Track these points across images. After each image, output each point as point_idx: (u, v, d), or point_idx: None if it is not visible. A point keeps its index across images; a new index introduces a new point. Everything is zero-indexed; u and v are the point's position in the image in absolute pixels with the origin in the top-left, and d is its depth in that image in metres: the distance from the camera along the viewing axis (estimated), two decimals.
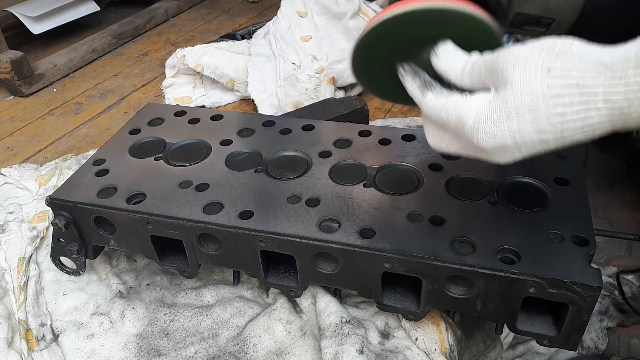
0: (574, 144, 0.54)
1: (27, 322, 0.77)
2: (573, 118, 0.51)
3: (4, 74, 1.49)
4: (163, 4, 2.06)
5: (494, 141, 0.55)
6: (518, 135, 0.54)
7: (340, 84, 1.33)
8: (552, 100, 0.51)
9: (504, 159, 0.57)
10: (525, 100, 0.52)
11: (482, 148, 0.57)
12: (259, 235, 0.69)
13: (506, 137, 0.54)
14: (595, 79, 0.49)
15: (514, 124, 0.53)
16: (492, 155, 0.57)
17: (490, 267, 0.61)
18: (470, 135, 0.56)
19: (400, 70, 0.62)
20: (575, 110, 0.51)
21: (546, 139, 0.53)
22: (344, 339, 0.69)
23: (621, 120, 0.50)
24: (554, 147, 0.54)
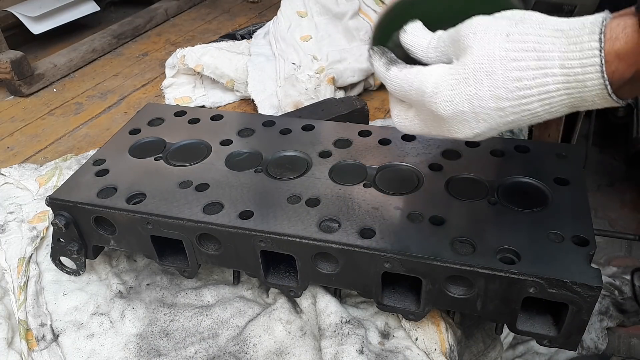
0: (533, 119, 0.53)
1: (27, 322, 0.77)
2: (530, 84, 0.51)
3: (4, 74, 1.49)
4: (163, 4, 2.06)
5: (450, 106, 0.55)
6: (475, 100, 0.53)
7: (340, 84, 1.33)
8: (509, 64, 0.51)
9: (463, 131, 0.57)
10: (483, 64, 0.52)
11: (440, 115, 0.56)
12: (259, 235, 0.69)
13: (463, 102, 0.54)
14: (552, 44, 0.50)
15: (470, 87, 0.53)
16: (451, 125, 0.57)
17: (490, 267, 0.61)
18: (429, 102, 0.56)
19: (369, 52, 0.63)
20: (532, 75, 0.51)
21: (503, 107, 0.53)
22: (344, 339, 0.69)
23: (577, 91, 0.50)
24: (512, 119, 0.54)
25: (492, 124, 0.55)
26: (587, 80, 0.49)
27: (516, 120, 0.54)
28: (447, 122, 0.57)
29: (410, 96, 0.59)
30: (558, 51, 0.49)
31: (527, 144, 0.82)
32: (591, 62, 0.48)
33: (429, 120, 0.59)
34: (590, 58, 0.48)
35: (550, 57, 0.50)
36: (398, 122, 0.64)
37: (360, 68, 1.34)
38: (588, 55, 0.48)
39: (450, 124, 0.57)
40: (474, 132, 0.56)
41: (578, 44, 0.49)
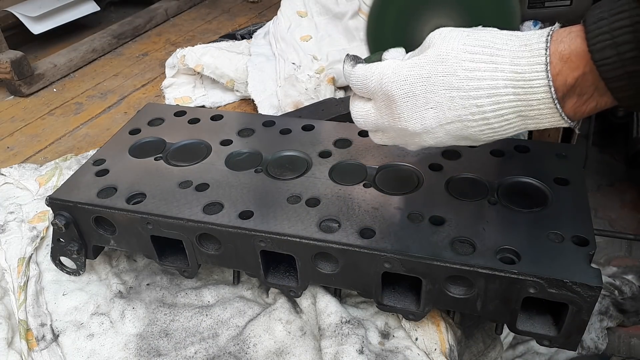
0: (482, 124, 0.55)
1: (27, 322, 0.77)
2: (481, 75, 0.53)
3: (4, 74, 1.49)
4: (163, 4, 2.06)
5: (405, 84, 0.57)
6: (428, 83, 0.56)
7: (340, 84, 1.33)
8: (464, 55, 0.54)
9: (413, 121, 0.58)
10: (441, 53, 0.55)
11: (393, 97, 0.58)
12: (259, 235, 0.69)
13: (417, 83, 0.56)
14: (506, 45, 0.53)
15: (425, 70, 0.56)
16: (402, 111, 0.58)
17: (490, 267, 0.61)
18: (387, 82, 0.58)
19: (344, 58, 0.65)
20: (484, 67, 0.53)
21: (453, 96, 0.55)
22: (344, 339, 0.69)
23: (524, 92, 0.52)
24: (460, 114, 0.55)
25: (441, 116, 0.56)
26: (533, 80, 0.51)
27: (465, 119, 0.55)
28: (398, 105, 0.58)
29: (370, 84, 0.61)
30: (510, 50, 0.52)
31: (527, 144, 0.82)
32: (537, 61, 0.51)
33: (383, 107, 0.61)
34: (537, 57, 0.51)
35: (502, 54, 0.53)
36: (355, 115, 0.65)
37: None
38: (535, 55, 0.51)
39: (401, 108, 0.58)
40: (423, 122, 0.58)
41: (528, 45, 0.52)
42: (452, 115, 0.56)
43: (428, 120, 0.57)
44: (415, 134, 0.60)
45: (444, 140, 0.59)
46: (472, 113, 0.55)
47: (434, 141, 0.60)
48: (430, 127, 0.57)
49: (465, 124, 0.56)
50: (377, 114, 0.62)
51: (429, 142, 0.60)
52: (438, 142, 0.60)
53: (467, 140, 0.59)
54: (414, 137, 0.60)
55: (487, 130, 0.56)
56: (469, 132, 0.57)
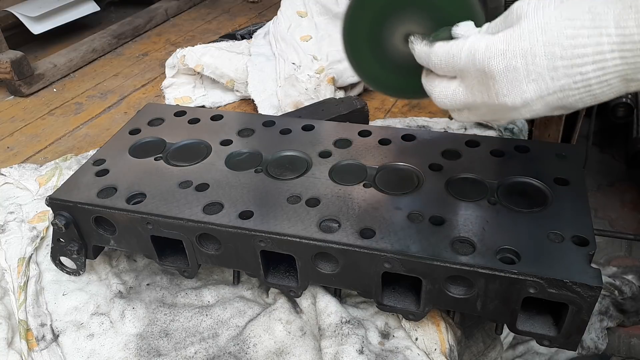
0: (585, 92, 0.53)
1: (27, 322, 0.77)
2: (584, 42, 0.51)
3: (4, 74, 1.49)
4: (163, 4, 2.06)
5: (504, 60, 0.54)
6: (529, 55, 0.53)
7: (340, 84, 1.33)
8: (564, 22, 0.51)
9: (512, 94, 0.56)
10: (539, 22, 0.53)
11: (491, 73, 0.56)
12: (259, 235, 0.69)
13: (517, 57, 0.54)
14: (607, 7, 0.50)
15: (525, 42, 0.53)
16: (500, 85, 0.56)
17: (490, 267, 0.61)
18: (481, 59, 0.56)
19: (410, 38, 0.64)
20: (587, 33, 0.51)
21: (556, 66, 0.52)
22: (344, 339, 0.69)
23: (632, 55, 0.49)
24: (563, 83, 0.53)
25: (543, 88, 0.54)
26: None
27: (567, 88, 0.53)
28: (497, 81, 0.56)
29: (458, 62, 0.59)
30: (613, 13, 0.49)
31: (527, 144, 0.82)
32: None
33: (476, 84, 0.58)
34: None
35: (606, 18, 0.50)
36: (439, 95, 0.63)
37: None
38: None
39: (500, 84, 0.56)
40: (523, 96, 0.55)
41: (634, 7, 0.49)
42: (554, 86, 0.53)
43: (529, 93, 0.55)
44: (512, 109, 0.57)
45: (540, 112, 0.57)
46: (575, 82, 0.53)
47: (530, 114, 0.57)
48: (530, 100, 0.55)
49: (566, 93, 0.54)
50: (467, 92, 0.60)
51: (525, 115, 0.58)
52: (534, 114, 0.57)
53: (562, 109, 0.57)
54: (510, 111, 0.58)
55: (588, 97, 0.54)
56: (568, 102, 0.55)
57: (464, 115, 0.64)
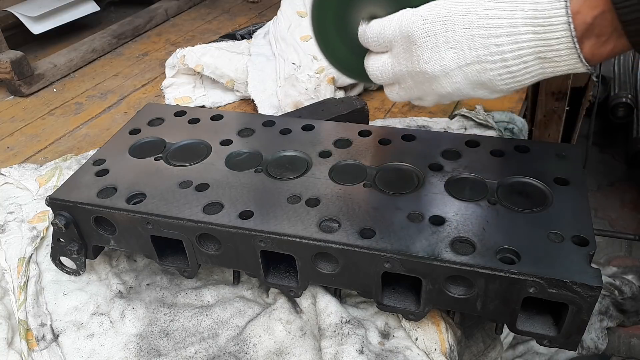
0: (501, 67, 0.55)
1: (27, 322, 0.77)
2: (500, 14, 0.53)
3: (4, 74, 1.49)
4: (163, 4, 2.06)
5: (425, 25, 0.58)
6: (449, 23, 0.56)
7: (340, 84, 1.33)
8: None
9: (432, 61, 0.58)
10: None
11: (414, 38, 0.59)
12: (259, 235, 0.69)
13: (437, 23, 0.57)
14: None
15: (444, 10, 0.57)
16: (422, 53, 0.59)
17: (490, 267, 0.61)
18: (407, 25, 0.59)
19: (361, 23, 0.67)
20: (503, 7, 0.53)
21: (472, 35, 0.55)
22: (344, 339, 0.69)
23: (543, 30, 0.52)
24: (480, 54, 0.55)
25: (460, 57, 0.56)
26: (553, 17, 0.51)
27: (484, 60, 0.55)
28: (418, 46, 0.58)
29: (387, 33, 0.62)
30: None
31: (527, 144, 0.82)
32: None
33: (402, 52, 0.61)
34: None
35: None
36: (371, 69, 0.66)
37: None
38: None
39: (421, 49, 0.58)
40: (442, 63, 0.58)
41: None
42: (472, 56, 0.56)
43: (447, 61, 0.57)
44: (433, 78, 0.59)
45: (462, 87, 0.59)
46: (491, 53, 0.55)
47: (451, 87, 0.60)
48: (449, 68, 0.58)
49: (484, 65, 0.56)
50: (394, 62, 0.63)
51: (446, 89, 0.60)
52: (455, 89, 0.60)
53: (484, 89, 0.59)
54: (432, 82, 0.60)
55: (505, 74, 0.56)
56: (487, 77, 0.57)
57: (395, 91, 0.67)
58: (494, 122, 1.18)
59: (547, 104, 1.33)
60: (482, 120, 1.17)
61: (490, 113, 1.22)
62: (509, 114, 1.23)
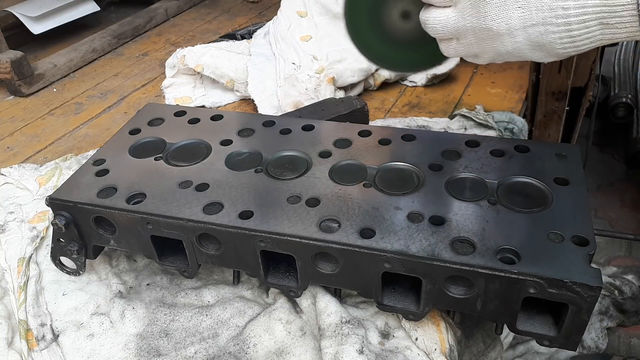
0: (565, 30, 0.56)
1: (27, 322, 0.77)
2: None
3: (4, 74, 1.49)
4: (163, 4, 2.06)
5: None
6: None
7: (340, 84, 1.33)
8: None
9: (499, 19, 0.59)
10: None
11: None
12: (259, 235, 0.69)
13: None
14: None
15: None
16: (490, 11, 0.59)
17: (490, 267, 0.61)
18: None
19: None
20: None
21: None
22: (344, 339, 0.69)
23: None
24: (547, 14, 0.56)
25: (527, 17, 0.57)
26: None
27: (549, 22, 0.56)
28: (487, 3, 0.59)
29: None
30: None
31: (527, 144, 0.82)
32: None
33: (468, 7, 0.62)
34: None
35: None
36: (432, 22, 0.66)
37: (360, 68, 1.34)
38: None
39: (489, 6, 0.59)
40: (508, 22, 0.58)
41: None
42: (538, 17, 0.57)
43: (514, 20, 0.58)
44: (497, 36, 0.60)
45: (522, 47, 0.60)
46: (557, 16, 0.56)
47: (512, 46, 0.60)
48: (514, 27, 0.59)
49: (547, 28, 0.57)
50: (458, 17, 0.63)
51: (507, 47, 0.61)
52: (515, 49, 0.61)
53: (542, 51, 0.60)
54: (494, 40, 0.61)
55: (566, 38, 0.57)
56: (548, 39, 0.58)
57: (452, 46, 0.67)
58: (494, 122, 1.18)
59: (547, 104, 1.33)
60: (482, 120, 1.17)
61: (490, 113, 1.22)
62: (509, 114, 1.23)
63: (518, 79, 1.43)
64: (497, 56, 0.65)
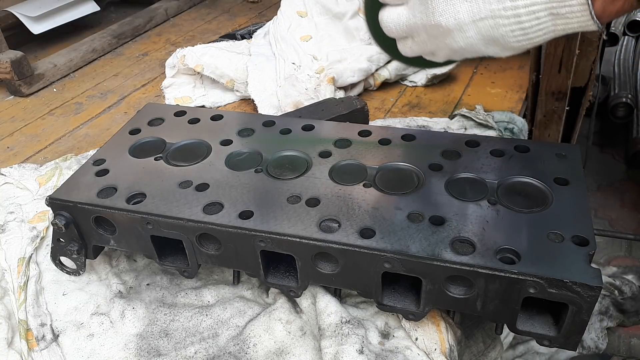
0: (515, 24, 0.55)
1: (27, 322, 0.77)
2: None
3: (4, 74, 1.49)
4: (163, 4, 2.06)
5: None
6: None
7: (340, 84, 1.33)
8: None
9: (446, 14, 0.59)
10: None
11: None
12: (259, 235, 0.69)
13: None
14: None
15: None
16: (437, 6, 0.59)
17: (490, 267, 0.61)
18: None
19: None
20: None
21: None
22: (344, 339, 0.69)
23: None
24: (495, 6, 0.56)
25: (475, 10, 0.57)
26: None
27: (497, 15, 0.56)
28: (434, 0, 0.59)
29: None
30: None
31: (527, 144, 0.82)
32: None
33: (417, 4, 0.61)
34: None
35: None
36: (386, 20, 0.66)
37: (360, 68, 1.34)
38: None
39: (436, 3, 0.59)
40: (456, 16, 0.58)
41: None
42: (486, 10, 0.56)
43: (462, 14, 0.58)
44: (447, 32, 0.60)
45: (475, 42, 0.59)
46: (505, 8, 0.55)
47: (464, 42, 0.60)
48: (463, 22, 0.58)
49: (497, 21, 0.56)
50: (409, 14, 0.63)
51: (459, 43, 0.60)
52: (468, 44, 0.60)
53: (496, 45, 0.59)
54: (445, 36, 0.61)
55: (518, 30, 0.56)
56: (499, 32, 0.57)
57: (408, 44, 0.67)
58: (494, 122, 1.18)
59: (547, 104, 1.33)
60: (482, 120, 1.17)
61: (490, 113, 1.22)
62: (509, 114, 1.23)
63: (518, 79, 1.43)
64: (452, 53, 0.64)
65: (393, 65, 1.40)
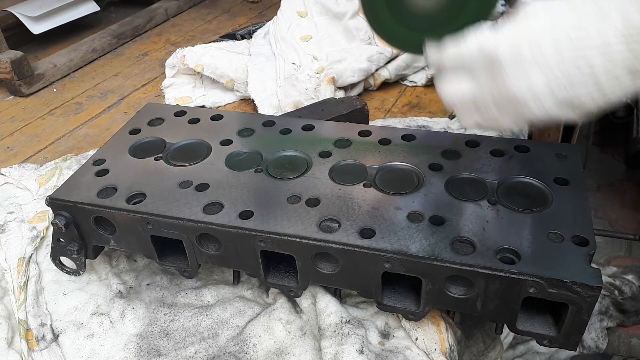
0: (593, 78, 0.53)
1: (27, 322, 0.77)
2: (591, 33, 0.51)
3: (4, 74, 1.49)
4: (163, 4, 2.06)
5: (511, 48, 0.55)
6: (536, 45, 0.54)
7: (340, 84, 1.33)
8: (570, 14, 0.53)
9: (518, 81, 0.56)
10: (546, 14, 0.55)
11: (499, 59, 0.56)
12: (259, 235, 0.69)
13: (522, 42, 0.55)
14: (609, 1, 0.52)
15: (532, 32, 0.55)
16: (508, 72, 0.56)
17: (490, 267, 0.61)
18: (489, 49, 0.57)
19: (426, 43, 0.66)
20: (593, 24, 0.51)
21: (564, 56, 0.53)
22: (344, 339, 0.69)
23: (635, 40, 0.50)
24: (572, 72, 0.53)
25: (550, 77, 0.54)
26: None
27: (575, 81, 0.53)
28: (504, 67, 0.56)
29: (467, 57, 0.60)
30: (616, 2, 0.51)
31: (527, 144, 0.82)
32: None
33: (484, 74, 0.59)
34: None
35: (609, 7, 0.51)
36: (449, 94, 0.64)
37: (360, 68, 1.34)
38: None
39: (507, 69, 0.56)
40: (529, 83, 0.55)
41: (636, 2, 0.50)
42: (562, 76, 0.54)
43: (536, 80, 0.55)
44: (520, 102, 0.57)
45: (549, 108, 0.56)
46: (583, 74, 0.53)
47: (539, 110, 0.56)
48: (538, 90, 0.55)
49: (575, 87, 0.54)
50: (475, 86, 0.60)
51: (534, 112, 0.57)
52: (544, 112, 0.56)
53: (573, 109, 0.56)
54: (518, 105, 0.57)
55: (596, 94, 0.53)
56: (577, 96, 0.54)
57: (473, 117, 0.63)
58: None
59: None
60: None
61: None
62: None
63: None
64: (524, 122, 0.61)
65: (393, 65, 1.40)
